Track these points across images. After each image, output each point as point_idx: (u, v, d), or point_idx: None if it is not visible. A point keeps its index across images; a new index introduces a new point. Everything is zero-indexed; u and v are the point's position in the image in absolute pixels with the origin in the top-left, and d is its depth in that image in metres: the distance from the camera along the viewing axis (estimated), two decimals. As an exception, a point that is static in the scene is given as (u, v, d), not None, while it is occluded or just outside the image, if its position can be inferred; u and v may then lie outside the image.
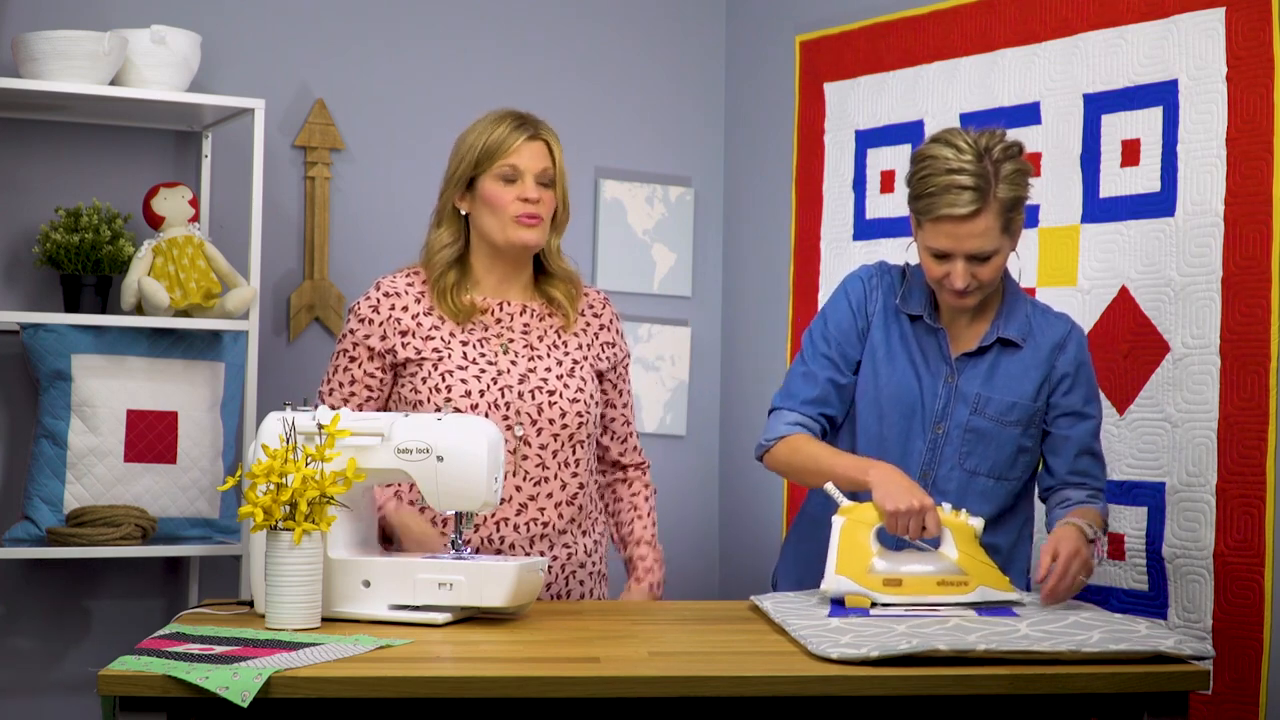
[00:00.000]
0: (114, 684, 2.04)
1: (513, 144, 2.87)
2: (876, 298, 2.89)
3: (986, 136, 2.71)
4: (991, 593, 2.60)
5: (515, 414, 2.85)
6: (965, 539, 2.62)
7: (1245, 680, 3.07)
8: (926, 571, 2.61)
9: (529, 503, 2.85)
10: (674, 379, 4.37)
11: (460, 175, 2.90)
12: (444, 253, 2.91)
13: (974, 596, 2.59)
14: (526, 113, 2.93)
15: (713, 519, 4.43)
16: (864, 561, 2.61)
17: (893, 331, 2.87)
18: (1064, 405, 2.83)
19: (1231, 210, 3.12)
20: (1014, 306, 2.85)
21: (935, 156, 2.70)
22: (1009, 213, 2.71)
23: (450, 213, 2.93)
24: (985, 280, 2.74)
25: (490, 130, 2.89)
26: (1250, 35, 3.09)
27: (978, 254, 2.70)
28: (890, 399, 2.85)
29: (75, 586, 3.79)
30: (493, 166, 2.87)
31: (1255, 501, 3.07)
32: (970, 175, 2.66)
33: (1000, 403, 2.81)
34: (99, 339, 3.59)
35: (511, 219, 2.87)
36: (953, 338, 2.86)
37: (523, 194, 2.87)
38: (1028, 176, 2.74)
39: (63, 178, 3.76)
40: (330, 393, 2.90)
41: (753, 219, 4.35)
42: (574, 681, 2.11)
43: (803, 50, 4.16)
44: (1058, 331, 2.85)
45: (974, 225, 2.68)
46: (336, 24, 4.04)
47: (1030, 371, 2.82)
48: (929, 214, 2.70)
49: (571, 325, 2.96)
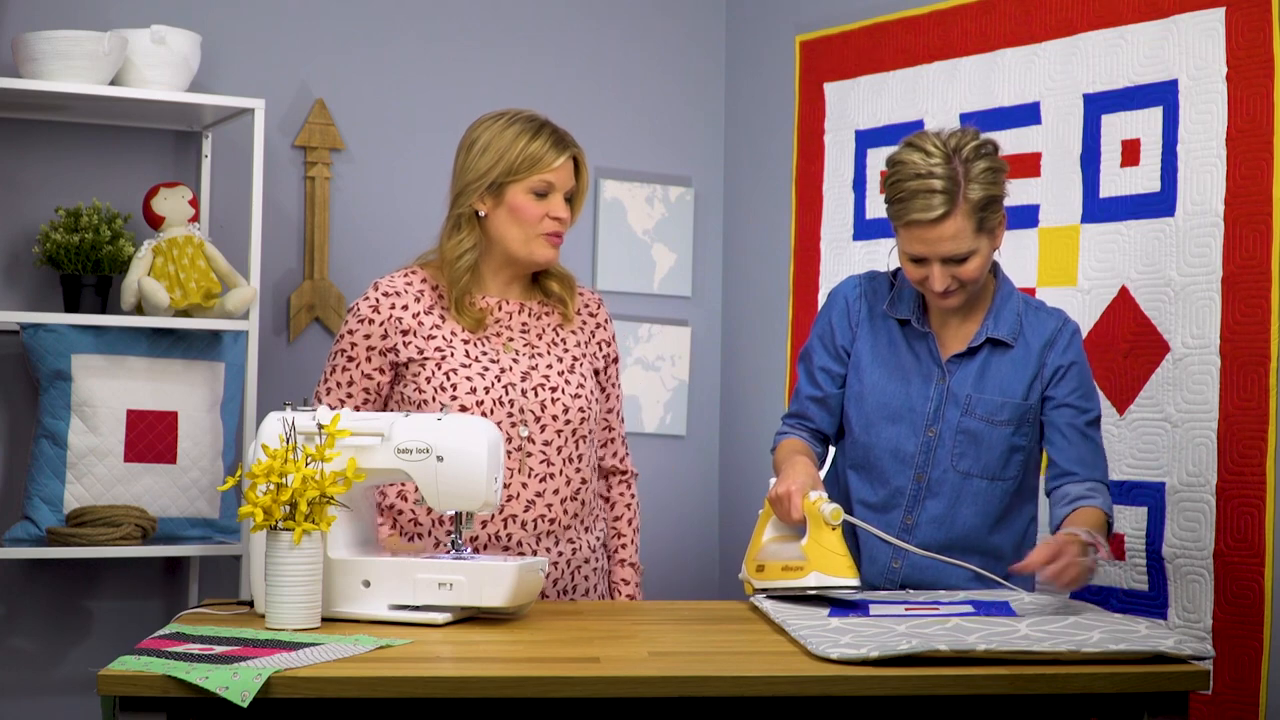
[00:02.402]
0: (114, 684, 2.04)
1: (552, 161, 2.84)
2: (861, 308, 2.90)
3: (957, 137, 2.71)
4: (825, 578, 2.59)
5: (519, 411, 2.86)
6: (816, 524, 2.63)
7: (1245, 680, 3.07)
8: (779, 557, 2.68)
9: (536, 499, 2.86)
10: (674, 379, 4.37)
11: (491, 179, 2.85)
12: (465, 259, 2.87)
13: (809, 581, 2.61)
14: (557, 126, 2.90)
15: (713, 519, 4.43)
16: (754, 549, 2.77)
17: (880, 339, 2.88)
18: (1057, 398, 2.82)
19: (1231, 210, 3.12)
20: (1005, 306, 2.84)
21: (904, 162, 2.70)
22: (981, 212, 2.69)
23: (470, 216, 2.88)
24: (966, 279, 2.74)
25: (528, 141, 2.84)
26: (1250, 35, 3.09)
27: (952, 256, 2.70)
28: (874, 407, 2.86)
29: (75, 586, 3.79)
30: (527, 179, 2.84)
31: (1255, 501, 3.07)
32: (939, 179, 2.66)
33: (990, 403, 2.81)
34: (99, 339, 3.59)
35: (538, 235, 2.86)
36: (943, 340, 2.86)
37: (553, 212, 2.85)
38: (1001, 174, 2.73)
39: (63, 178, 3.76)
40: (328, 393, 2.90)
41: (753, 219, 4.35)
42: (574, 681, 2.11)
43: (803, 50, 4.16)
44: (1048, 328, 2.84)
45: (944, 229, 2.67)
46: (336, 24, 4.04)
47: (1021, 370, 2.82)
48: (901, 219, 2.71)
49: (570, 322, 2.96)
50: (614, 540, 3.06)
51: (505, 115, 2.89)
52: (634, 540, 3.07)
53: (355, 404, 2.88)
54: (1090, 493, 2.76)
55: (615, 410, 3.06)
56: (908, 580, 2.85)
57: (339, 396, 2.89)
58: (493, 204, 2.87)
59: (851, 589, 2.61)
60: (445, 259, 2.89)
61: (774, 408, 4.14)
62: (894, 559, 2.85)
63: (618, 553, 3.05)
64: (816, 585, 2.60)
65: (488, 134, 2.87)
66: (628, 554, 3.05)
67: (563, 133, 2.90)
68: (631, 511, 3.08)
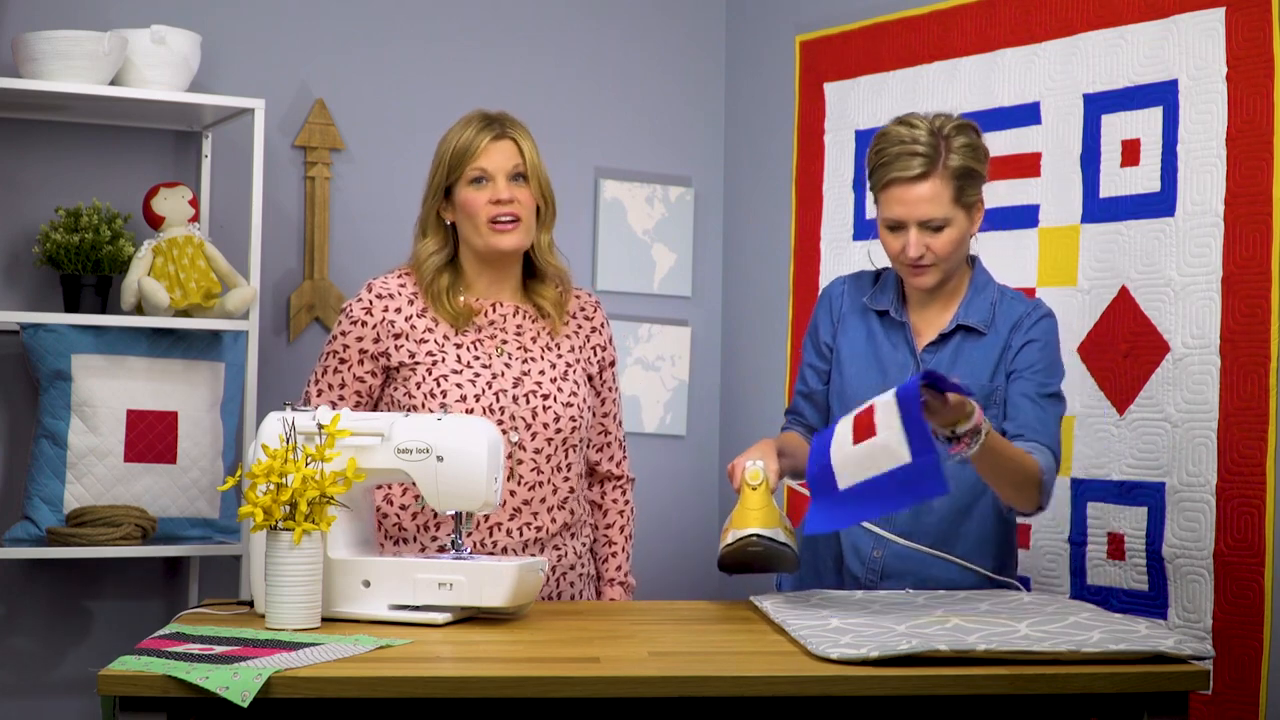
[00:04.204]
0: (114, 684, 2.04)
1: (479, 145, 2.84)
2: (842, 305, 2.97)
3: (942, 119, 2.79)
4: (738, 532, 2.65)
5: (510, 418, 2.85)
6: (744, 488, 2.69)
7: (1245, 680, 3.07)
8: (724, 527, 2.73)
9: (523, 508, 2.85)
10: (674, 379, 4.37)
11: (438, 184, 2.87)
12: (432, 260, 2.89)
13: (727, 540, 2.67)
14: (496, 112, 2.90)
15: (713, 519, 4.43)
16: None
17: (860, 333, 2.92)
18: (1016, 369, 2.82)
19: (1231, 210, 3.12)
20: (979, 295, 2.87)
21: (888, 133, 2.79)
22: (960, 180, 2.75)
23: (434, 221, 2.90)
24: (940, 253, 2.77)
25: (459, 134, 2.86)
26: (1250, 35, 3.09)
27: (928, 221, 2.74)
28: (853, 398, 2.88)
29: (75, 586, 3.79)
30: (464, 171, 2.84)
31: (1255, 501, 3.07)
32: (922, 145, 2.74)
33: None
34: (99, 339, 3.59)
35: (486, 223, 2.84)
36: (919, 330, 2.89)
37: (494, 196, 2.84)
38: (981, 153, 2.80)
39: (63, 178, 3.76)
40: (319, 394, 2.89)
41: (753, 219, 4.35)
42: (574, 681, 2.11)
43: (803, 50, 4.16)
44: (1018, 312, 2.86)
45: (922, 189, 2.73)
46: (336, 24, 4.04)
47: (989, 354, 2.84)
48: (881, 180, 2.77)
49: (564, 328, 2.95)
50: (605, 549, 3.04)
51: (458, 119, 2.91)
52: (625, 550, 3.05)
53: (346, 406, 2.87)
54: (1032, 449, 2.73)
55: (612, 414, 3.05)
56: (889, 570, 2.85)
57: (330, 398, 2.88)
58: (451, 209, 2.88)
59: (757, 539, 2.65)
60: (415, 261, 2.92)
61: (774, 408, 4.14)
62: (875, 548, 2.86)
63: (608, 567, 3.03)
64: (730, 541, 2.66)
65: (439, 142, 2.90)
66: (619, 573, 3.03)
67: (493, 115, 2.88)
68: (625, 519, 3.07)
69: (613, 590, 3.02)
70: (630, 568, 3.06)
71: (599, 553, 3.04)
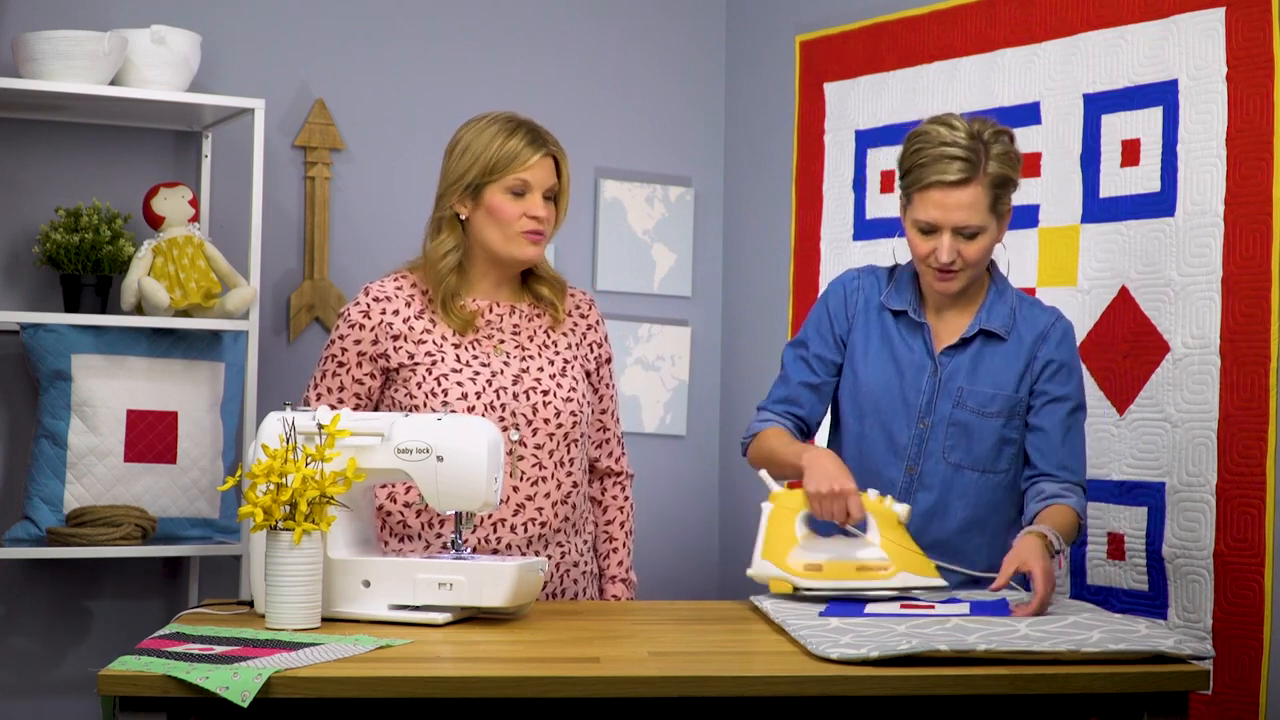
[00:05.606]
0: (114, 684, 2.04)
1: (527, 159, 2.84)
2: (858, 300, 2.93)
3: (979, 123, 2.77)
4: (914, 578, 2.61)
5: (511, 415, 2.85)
6: (889, 524, 2.64)
7: (1245, 680, 3.07)
8: (847, 557, 2.64)
9: (526, 503, 2.85)
10: (674, 379, 4.37)
11: (468, 181, 2.86)
12: (448, 259, 2.88)
13: (895, 582, 2.62)
14: (536, 124, 2.90)
15: (713, 519, 4.43)
16: (787, 546, 2.68)
17: (874, 330, 2.90)
18: (1044, 393, 2.83)
19: (1231, 210, 3.12)
20: (999, 300, 2.87)
21: (928, 132, 2.76)
22: (997, 189, 2.74)
23: (450, 219, 2.90)
24: (970, 260, 2.76)
25: (503, 141, 2.84)
26: (1250, 35, 3.09)
27: (964, 228, 2.73)
28: (867, 397, 2.87)
29: (75, 586, 3.79)
30: (503, 178, 2.84)
31: (1255, 501, 3.07)
32: (962, 149, 2.71)
33: (981, 394, 2.82)
34: (99, 339, 3.59)
35: (517, 234, 2.85)
36: (937, 333, 2.88)
37: (531, 210, 2.84)
38: (1017, 163, 2.78)
39: (63, 178, 3.76)
40: (318, 397, 2.89)
41: (753, 219, 4.35)
42: (574, 681, 2.11)
43: (803, 50, 4.16)
44: (1042, 322, 2.86)
45: (962, 194, 2.71)
46: (336, 24, 4.04)
47: (1013, 362, 2.83)
48: (919, 183, 2.74)
49: (560, 324, 2.96)
50: (605, 545, 3.04)
51: (486, 117, 2.90)
52: (626, 545, 3.05)
53: (346, 409, 2.86)
54: (1065, 491, 2.79)
55: (610, 411, 3.06)
56: None
57: (329, 401, 2.88)
58: (472, 206, 2.87)
59: (940, 589, 2.62)
60: (428, 260, 2.90)
61: (774, 408, 4.13)
62: None
63: (610, 563, 3.04)
64: (904, 586, 2.61)
65: (468, 136, 2.88)
66: (621, 569, 3.03)
67: (541, 131, 2.89)
68: (625, 514, 3.07)
69: (615, 588, 3.02)
70: (631, 564, 3.07)
71: (600, 549, 3.04)
